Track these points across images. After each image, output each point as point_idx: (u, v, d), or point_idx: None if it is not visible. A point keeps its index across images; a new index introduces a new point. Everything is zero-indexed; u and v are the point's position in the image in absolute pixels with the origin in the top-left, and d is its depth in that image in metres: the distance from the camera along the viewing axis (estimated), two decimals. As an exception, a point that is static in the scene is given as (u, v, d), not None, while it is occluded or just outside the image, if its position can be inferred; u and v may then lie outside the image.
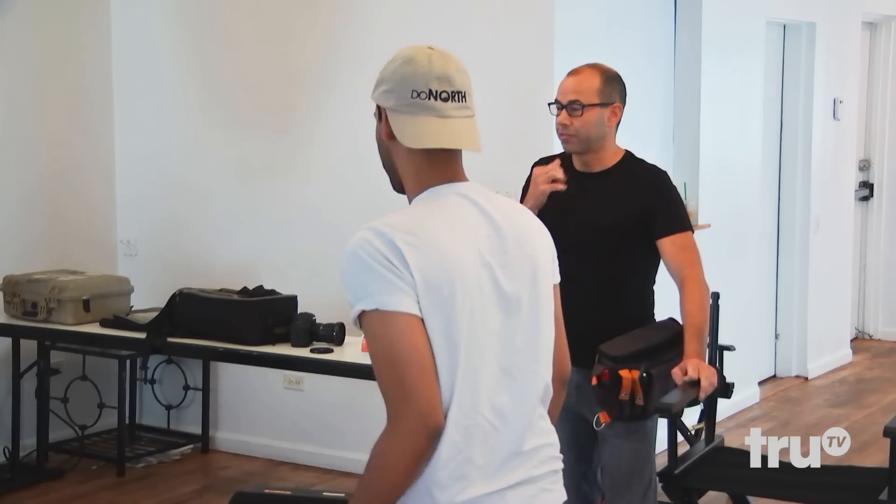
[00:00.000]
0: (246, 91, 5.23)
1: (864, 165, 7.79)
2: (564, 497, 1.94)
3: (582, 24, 4.67)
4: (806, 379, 6.73)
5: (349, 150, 4.95)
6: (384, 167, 1.95)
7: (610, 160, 3.09)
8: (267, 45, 5.17)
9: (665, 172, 3.15)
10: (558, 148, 4.19)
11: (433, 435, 1.73)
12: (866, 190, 7.81)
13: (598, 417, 2.91)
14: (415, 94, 1.83)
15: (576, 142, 3.05)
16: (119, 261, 5.55)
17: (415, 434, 1.72)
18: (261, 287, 4.59)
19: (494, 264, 1.85)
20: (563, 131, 3.05)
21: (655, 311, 3.19)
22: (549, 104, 3.10)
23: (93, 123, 5.48)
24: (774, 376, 6.72)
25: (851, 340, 7.55)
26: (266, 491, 1.93)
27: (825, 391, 6.52)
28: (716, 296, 3.22)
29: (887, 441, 2.92)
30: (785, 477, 3.13)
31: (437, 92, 1.83)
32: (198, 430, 5.34)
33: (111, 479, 4.90)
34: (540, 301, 1.92)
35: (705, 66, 5.42)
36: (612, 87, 3.08)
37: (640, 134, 4.42)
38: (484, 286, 1.83)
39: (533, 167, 3.24)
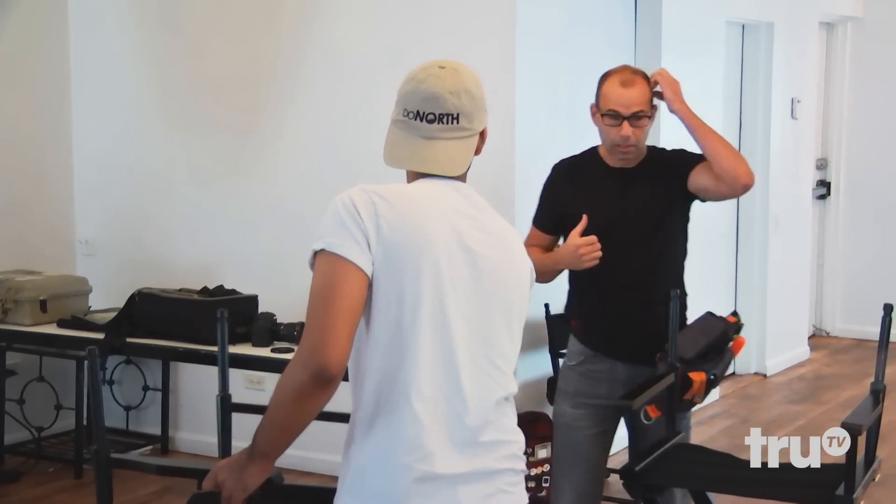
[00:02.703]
0: (207, 89, 5.19)
1: (822, 164, 7.88)
2: (524, 502, 1.94)
3: (544, 22, 4.68)
4: (765, 376, 6.79)
5: (311, 151, 4.93)
6: None
7: (643, 153, 3.16)
8: (230, 44, 5.13)
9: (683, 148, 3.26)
10: (521, 149, 4.21)
11: (319, 374, 1.74)
12: (823, 188, 7.90)
13: (646, 411, 3.00)
14: (405, 113, 1.93)
15: (634, 151, 3.09)
16: (77, 260, 5.49)
17: (303, 365, 1.76)
18: (221, 287, 4.57)
19: (474, 252, 1.89)
20: (626, 143, 3.04)
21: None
22: (604, 113, 3.06)
23: (50, 122, 5.42)
24: (734, 374, 6.78)
25: (809, 338, 7.64)
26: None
27: (784, 388, 6.58)
28: (675, 293, 3.24)
29: (844, 437, 2.96)
30: (744, 473, 3.15)
31: (423, 113, 1.91)
32: (157, 430, 5.30)
33: (69, 481, 4.85)
34: (515, 303, 1.95)
35: (665, 65, 5.42)
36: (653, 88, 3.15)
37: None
38: (458, 269, 1.86)
39: (554, 169, 3.27)
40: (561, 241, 3.16)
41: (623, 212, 3.09)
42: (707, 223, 6.05)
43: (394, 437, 1.80)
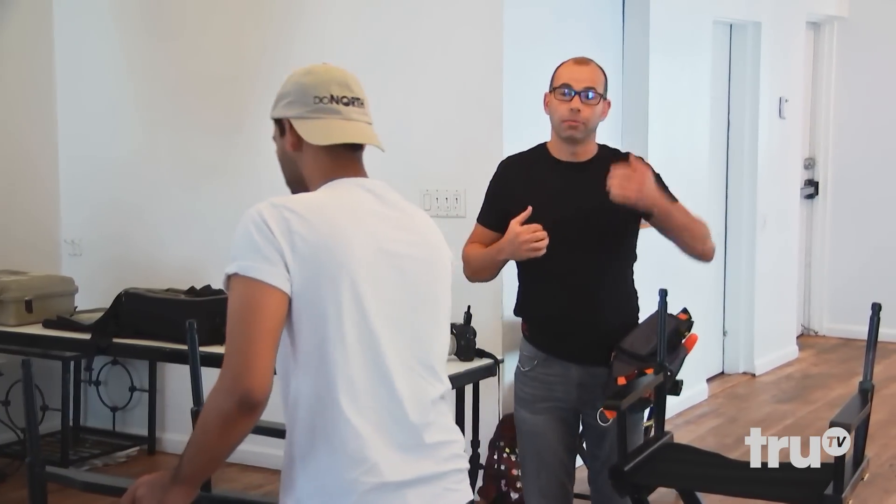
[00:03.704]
0: (193, 89, 5.17)
1: (810, 164, 7.90)
2: (469, 496, 1.94)
3: (531, 21, 4.67)
4: (753, 375, 6.80)
5: (297, 148, 4.92)
6: (289, 184, 2.00)
7: (592, 150, 3.12)
8: (216, 43, 5.11)
9: (641, 157, 3.17)
10: (509, 149, 4.20)
11: (244, 401, 1.72)
12: (811, 188, 7.91)
13: (602, 413, 2.97)
14: (317, 100, 1.93)
15: (582, 129, 3.04)
16: (63, 260, 5.46)
17: (227, 392, 1.73)
18: (208, 287, 4.54)
19: (393, 252, 1.87)
20: (573, 117, 3.01)
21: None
22: (556, 88, 3.03)
23: (36, 123, 5.39)
24: (722, 373, 6.79)
25: (797, 337, 7.65)
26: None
27: (772, 387, 6.59)
28: (664, 293, 3.24)
29: (833, 436, 2.96)
30: (734, 473, 3.16)
31: (338, 97, 1.93)
32: (144, 431, 5.28)
33: (53, 483, 4.80)
34: (440, 299, 1.94)
35: (653, 65, 5.46)
36: (607, 84, 3.13)
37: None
38: (381, 273, 1.84)
39: (501, 165, 3.23)
40: None
41: (577, 208, 3.04)
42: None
43: (337, 455, 1.78)
